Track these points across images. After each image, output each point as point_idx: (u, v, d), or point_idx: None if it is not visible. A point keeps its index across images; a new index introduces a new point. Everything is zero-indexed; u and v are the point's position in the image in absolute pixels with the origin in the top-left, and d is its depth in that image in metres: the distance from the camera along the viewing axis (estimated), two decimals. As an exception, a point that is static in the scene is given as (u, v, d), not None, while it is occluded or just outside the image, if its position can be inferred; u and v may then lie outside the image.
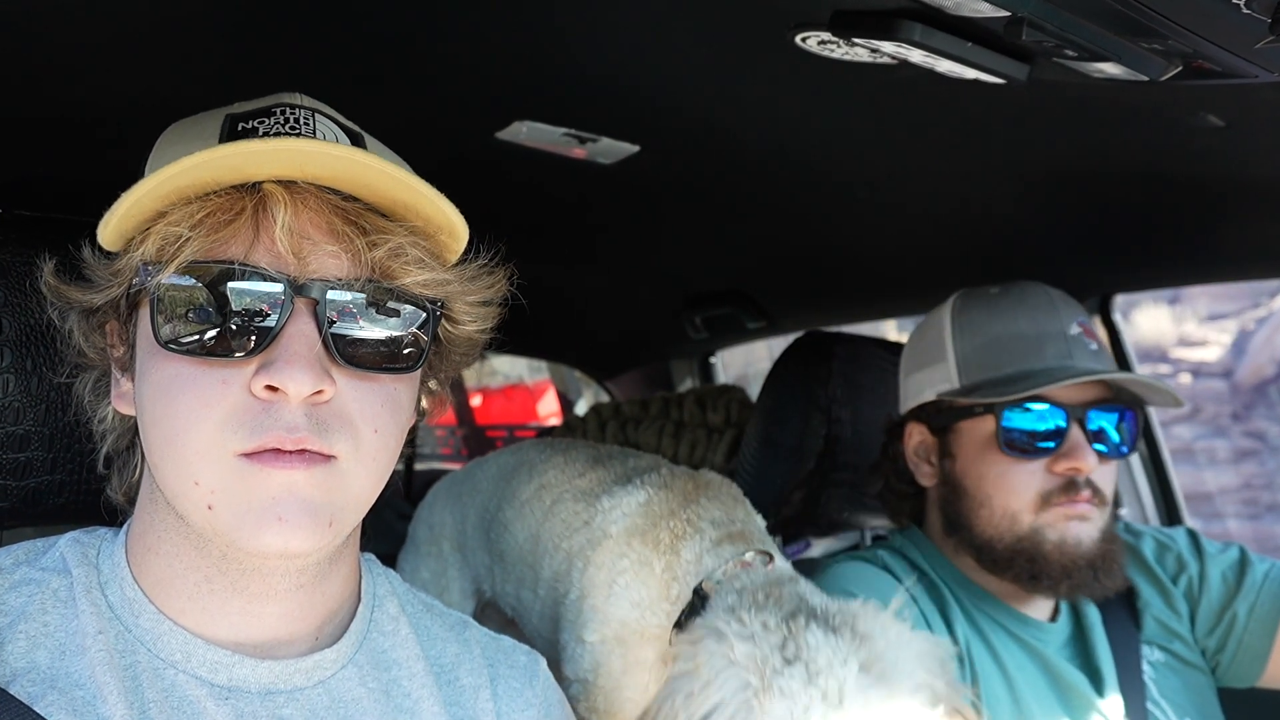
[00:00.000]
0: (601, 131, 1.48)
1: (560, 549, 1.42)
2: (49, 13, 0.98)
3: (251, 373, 0.84)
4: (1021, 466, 1.53)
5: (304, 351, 0.84)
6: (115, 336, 0.95)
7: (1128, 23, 0.93)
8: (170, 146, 0.92)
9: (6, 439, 1.05)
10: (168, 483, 0.88)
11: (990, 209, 1.82)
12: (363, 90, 1.28)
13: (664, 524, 1.34)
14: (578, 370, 4.06)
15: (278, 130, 0.89)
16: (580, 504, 1.43)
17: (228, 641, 0.92)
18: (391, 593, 1.09)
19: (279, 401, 0.84)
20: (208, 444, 0.84)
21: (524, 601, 1.52)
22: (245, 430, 0.83)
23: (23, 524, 1.11)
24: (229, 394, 0.84)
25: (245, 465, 0.84)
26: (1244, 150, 1.42)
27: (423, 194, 0.88)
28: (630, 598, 1.32)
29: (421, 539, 1.75)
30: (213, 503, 0.85)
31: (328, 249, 0.86)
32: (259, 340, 0.84)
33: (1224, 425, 10.05)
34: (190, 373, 0.85)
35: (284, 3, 1.09)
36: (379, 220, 0.89)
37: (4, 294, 1.05)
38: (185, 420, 0.84)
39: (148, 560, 0.93)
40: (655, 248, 2.32)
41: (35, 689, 0.84)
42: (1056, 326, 1.58)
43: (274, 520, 0.84)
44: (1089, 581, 1.53)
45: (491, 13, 1.11)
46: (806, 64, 1.15)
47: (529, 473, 1.57)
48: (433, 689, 1.03)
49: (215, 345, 0.84)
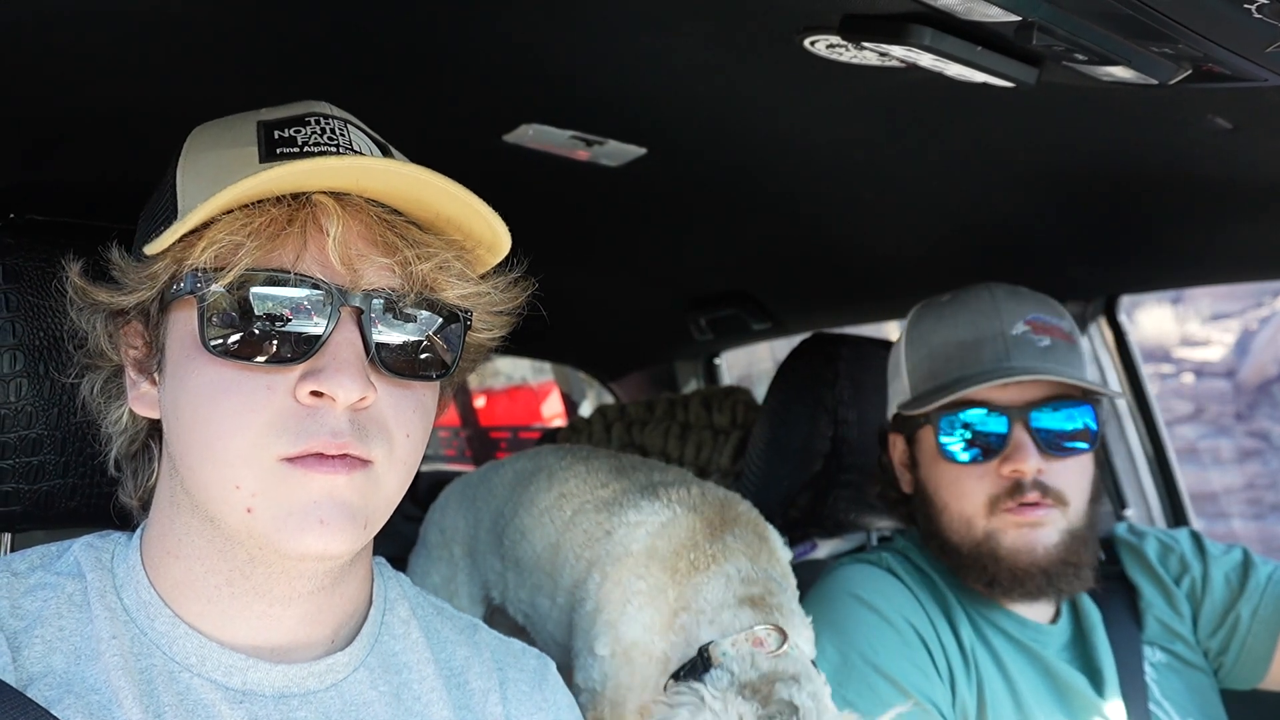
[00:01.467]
0: (608, 134, 1.49)
1: (581, 558, 1.41)
2: (62, 17, 0.98)
3: (295, 379, 0.86)
4: (969, 471, 1.53)
5: (352, 359, 0.86)
6: (136, 338, 0.95)
7: (1138, 27, 0.93)
8: (204, 153, 0.93)
9: (19, 443, 1.05)
10: (204, 486, 0.88)
11: (997, 211, 1.82)
12: (370, 93, 1.29)
13: (685, 554, 1.33)
14: (582, 372, 4.06)
15: (316, 141, 0.91)
16: (602, 514, 1.42)
17: (244, 645, 0.93)
18: (402, 596, 1.09)
19: (323, 407, 0.86)
20: (251, 448, 0.85)
21: (539, 609, 1.51)
22: (290, 435, 0.85)
23: (34, 527, 1.12)
24: (273, 399, 0.86)
25: (287, 469, 0.85)
26: (1251, 152, 1.42)
27: (479, 212, 0.90)
28: (642, 620, 1.32)
29: (433, 542, 1.74)
30: (253, 506, 0.86)
31: (379, 261, 0.88)
32: (306, 347, 0.86)
33: (1227, 425, 10.04)
34: (234, 377, 0.86)
35: (295, 8, 1.09)
36: (420, 233, 0.91)
37: (18, 298, 1.05)
38: (230, 424, 0.86)
39: (166, 563, 0.94)
40: (661, 249, 2.32)
41: (52, 693, 0.84)
42: (995, 328, 1.56)
43: (315, 523, 0.86)
44: (1043, 587, 1.52)
45: (498, 16, 1.11)
46: (814, 67, 1.16)
47: (548, 480, 1.55)
48: (443, 692, 1.03)
49: (262, 351, 0.86)
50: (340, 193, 0.87)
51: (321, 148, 0.90)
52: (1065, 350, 1.58)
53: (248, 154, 0.89)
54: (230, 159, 0.89)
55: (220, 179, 0.83)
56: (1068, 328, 1.62)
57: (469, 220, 0.91)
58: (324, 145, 0.90)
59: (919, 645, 1.53)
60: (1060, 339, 1.59)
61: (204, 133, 0.96)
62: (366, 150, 0.93)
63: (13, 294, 1.05)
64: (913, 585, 1.60)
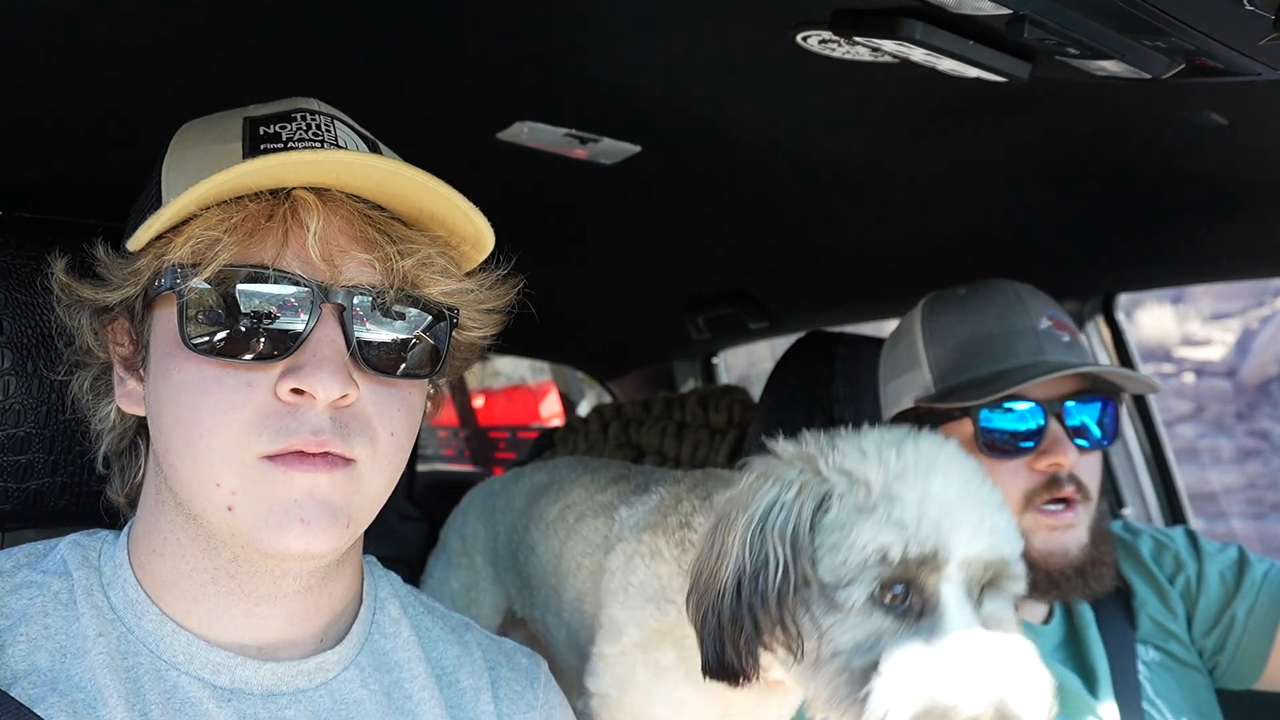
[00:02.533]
0: (603, 132, 1.48)
1: (583, 567, 1.39)
2: (51, 15, 0.98)
3: (276, 376, 0.85)
4: (1003, 466, 1.52)
5: (332, 356, 0.86)
6: (122, 335, 0.95)
7: (1130, 20, 0.92)
8: (189, 149, 0.92)
9: (7, 441, 1.05)
10: (185, 484, 0.88)
11: (992, 209, 1.82)
12: (364, 91, 1.28)
13: (673, 512, 1.31)
14: (580, 371, 4.05)
15: (300, 136, 0.90)
16: (600, 518, 1.41)
17: (231, 644, 0.92)
18: (393, 595, 1.09)
19: (304, 405, 0.85)
20: (231, 446, 0.85)
21: (550, 627, 1.49)
22: (270, 433, 0.84)
23: (24, 526, 1.11)
24: (254, 396, 0.85)
25: (268, 467, 0.85)
26: (1247, 148, 1.42)
27: (460, 208, 0.89)
28: (646, 593, 1.28)
29: (453, 549, 1.72)
30: (233, 504, 0.85)
31: (359, 257, 0.88)
32: (287, 344, 0.85)
33: (1228, 424, 10.04)
34: (214, 374, 0.85)
35: (287, 5, 1.09)
36: (404, 229, 0.91)
37: (5, 295, 1.05)
38: (209, 422, 0.85)
39: (152, 561, 0.93)
40: (657, 248, 2.31)
41: (36, 691, 0.84)
42: (1026, 322, 1.56)
43: (296, 522, 0.85)
44: (1079, 588, 1.52)
45: (492, 13, 1.11)
46: (808, 64, 1.15)
47: (556, 494, 1.53)
48: (434, 691, 1.02)
49: (243, 348, 0.85)
50: (321, 188, 0.87)
51: (306, 143, 0.89)
52: (1080, 348, 1.60)
53: (231, 150, 0.89)
54: (214, 154, 0.88)
55: (202, 174, 0.82)
56: (1074, 326, 1.64)
57: (451, 216, 0.91)
58: (309, 141, 0.90)
59: None
60: (1074, 337, 1.61)
61: (191, 129, 0.95)
62: (352, 146, 0.92)
63: (0, 291, 1.05)
64: None
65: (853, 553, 1.03)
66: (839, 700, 1.04)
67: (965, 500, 1.05)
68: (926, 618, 1.03)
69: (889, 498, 1.04)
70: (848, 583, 1.03)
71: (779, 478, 1.09)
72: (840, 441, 1.12)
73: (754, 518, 1.07)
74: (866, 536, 1.03)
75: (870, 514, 1.04)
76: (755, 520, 1.07)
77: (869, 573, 1.03)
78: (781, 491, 1.07)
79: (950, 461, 1.08)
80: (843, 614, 1.04)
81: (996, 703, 0.97)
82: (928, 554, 1.02)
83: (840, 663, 1.04)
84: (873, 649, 1.02)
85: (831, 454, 1.10)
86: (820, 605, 1.05)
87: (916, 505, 1.03)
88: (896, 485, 1.05)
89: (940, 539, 1.03)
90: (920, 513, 1.03)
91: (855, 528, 1.04)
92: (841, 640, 1.04)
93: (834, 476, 1.08)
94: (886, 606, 1.03)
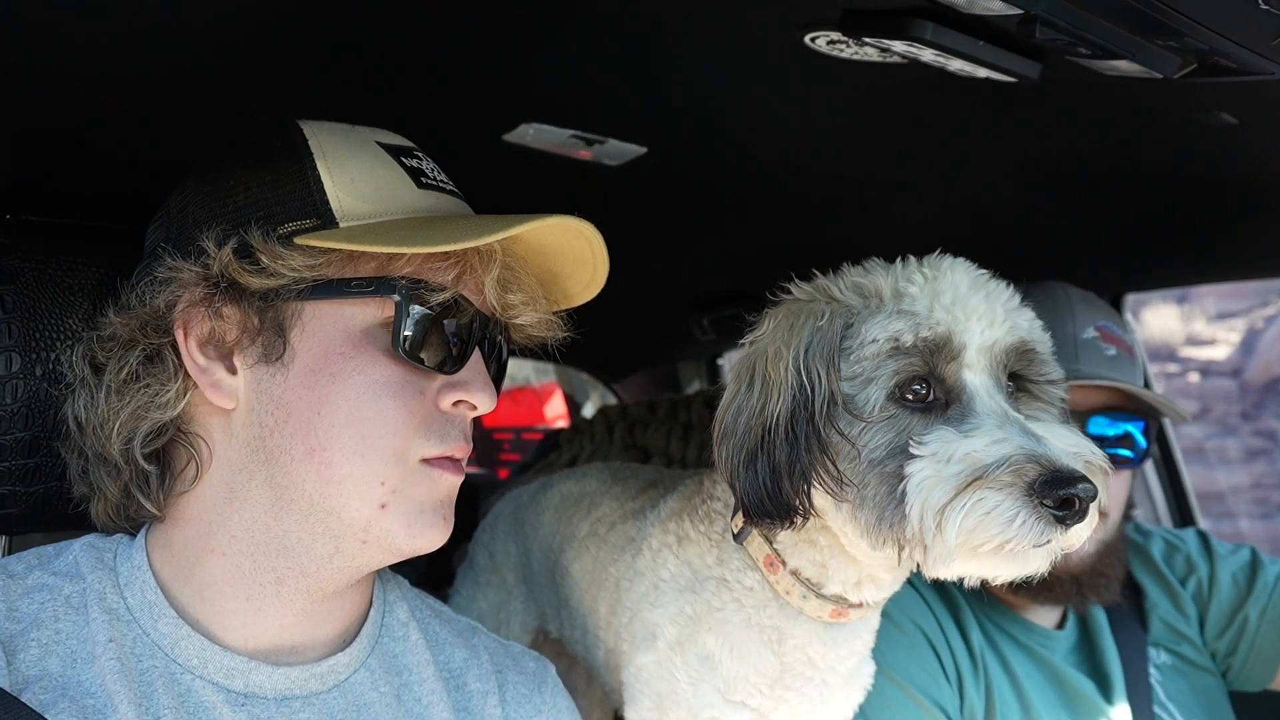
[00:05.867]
0: (608, 133, 1.48)
1: (609, 575, 1.35)
2: (60, 20, 0.98)
3: (437, 388, 0.95)
4: None
5: (488, 377, 0.99)
6: (225, 321, 0.93)
7: (1143, 19, 0.92)
8: (347, 161, 0.97)
9: (15, 444, 1.04)
10: (341, 481, 0.91)
11: (1001, 209, 1.81)
12: (370, 93, 1.28)
13: (696, 498, 1.28)
14: (584, 372, 4.05)
15: (434, 173, 1.03)
16: (630, 524, 1.37)
17: (246, 649, 0.93)
18: (401, 598, 1.09)
19: (459, 416, 0.96)
20: (402, 447, 0.92)
21: (588, 647, 1.42)
22: (435, 438, 0.94)
23: (31, 530, 1.11)
24: (424, 404, 0.94)
25: (425, 469, 0.94)
26: (1257, 148, 1.41)
27: (599, 284, 1.10)
28: (678, 584, 1.23)
29: (482, 566, 1.64)
30: (389, 502, 0.92)
31: (520, 298, 1.00)
32: (457, 360, 0.96)
33: (1234, 424, 10.01)
34: (401, 379, 0.92)
35: (293, 8, 1.09)
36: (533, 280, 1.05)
37: (14, 299, 1.04)
38: (391, 423, 0.91)
39: (205, 561, 0.93)
40: (662, 249, 2.31)
41: (47, 696, 0.84)
42: (1066, 330, 1.55)
43: (440, 520, 0.96)
44: (1071, 594, 1.51)
45: (498, 15, 1.11)
46: (816, 65, 1.15)
47: (588, 508, 1.47)
48: (442, 694, 1.03)
49: (430, 358, 0.94)
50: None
51: (440, 182, 1.02)
52: (1127, 363, 1.58)
53: (400, 178, 0.98)
54: (385, 179, 0.97)
55: (382, 197, 0.94)
56: (1130, 341, 1.61)
57: (585, 289, 1.10)
58: (440, 180, 1.03)
59: (927, 649, 1.51)
60: (1124, 351, 1.58)
61: (328, 140, 0.98)
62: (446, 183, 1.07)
63: (8, 295, 1.04)
64: (922, 588, 1.58)
65: (865, 349, 1.04)
66: (886, 518, 1.00)
67: (976, 291, 1.06)
68: (954, 406, 1.02)
69: (898, 295, 1.06)
70: (866, 382, 1.03)
71: (810, 311, 1.11)
72: (846, 269, 1.16)
73: (800, 348, 1.08)
74: (877, 330, 1.04)
75: (880, 311, 1.05)
76: (803, 350, 1.07)
77: (885, 368, 1.02)
78: (816, 320, 1.09)
79: (959, 263, 1.10)
80: (867, 420, 1.03)
81: (1037, 454, 0.94)
82: (940, 338, 1.02)
83: (877, 475, 1.02)
84: (905, 450, 1.00)
85: (841, 280, 1.13)
86: (845, 419, 1.04)
87: (927, 296, 1.05)
88: (904, 284, 1.07)
89: (953, 324, 1.03)
90: (931, 302, 1.04)
91: (865, 325, 1.05)
92: (873, 445, 1.02)
93: (848, 296, 1.10)
94: (909, 404, 1.03)
